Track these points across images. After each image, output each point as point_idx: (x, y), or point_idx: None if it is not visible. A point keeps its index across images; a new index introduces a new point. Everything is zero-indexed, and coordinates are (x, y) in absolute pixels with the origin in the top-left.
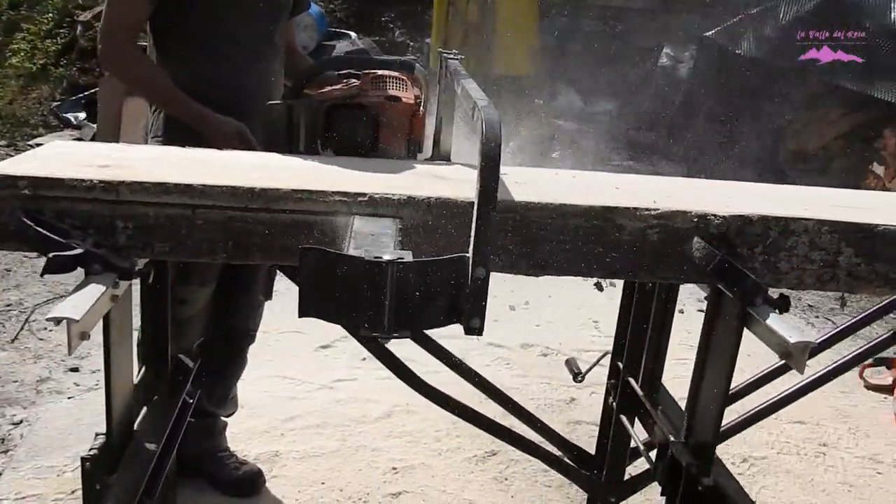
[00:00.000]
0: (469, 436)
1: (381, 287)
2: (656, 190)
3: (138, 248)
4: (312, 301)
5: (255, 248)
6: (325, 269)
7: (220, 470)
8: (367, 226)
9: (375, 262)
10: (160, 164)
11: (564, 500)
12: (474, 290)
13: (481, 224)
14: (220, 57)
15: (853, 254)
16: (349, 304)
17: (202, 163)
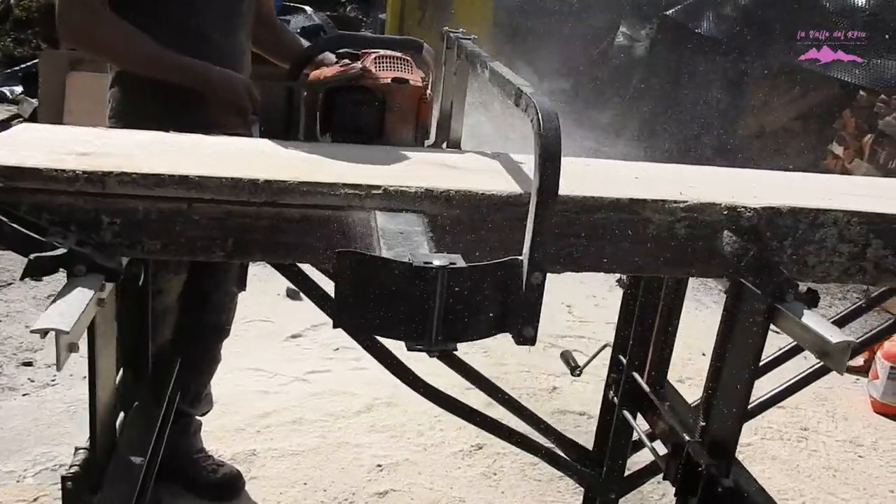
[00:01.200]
0: (453, 429)
1: (429, 295)
2: (678, 179)
3: (125, 246)
4: (348, 311)
5: (256, 246)
6: (363, 275)
7: (198, 473)
8: (393, 222)
9: (425, 267)
10: (149, 151)
11: (556, 495)
12: (529, 297)
13: (539, 225)
14: (186, 30)
15: (881, 245)
16: (391, 313)
17: (195, 150)
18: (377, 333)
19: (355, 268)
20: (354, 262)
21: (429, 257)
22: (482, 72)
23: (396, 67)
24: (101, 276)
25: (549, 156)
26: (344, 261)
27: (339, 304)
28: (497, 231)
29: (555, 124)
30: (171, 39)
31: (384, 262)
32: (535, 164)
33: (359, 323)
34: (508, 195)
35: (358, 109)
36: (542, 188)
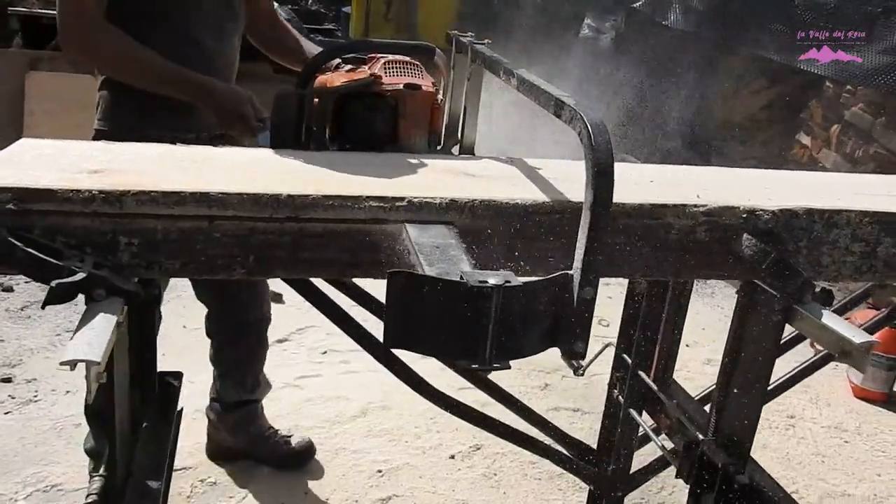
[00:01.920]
0: (449, 430)
1: (484, 314)
2: (690, 182)
3: (142, 267)
4: (400, 330)
5: (277, 263)
6: (415, 295)
7: (274, 449)
8: (426, 236)
9: (481, 286)
10: (161, 166)
11: (557, 493)
12: (580, 312)
13: (593, 241)
14: (180, 35)
15: (892, 244)
16: (444, 333)
17: (209, 164)
18: (429, 353)
19: (407, 287)
20: (406, 282)
21: (482, 275)
22: (507, 79)
23: (407, 73)
24: (120, 300)
25: (603, 170)
26: (396, 281)
27: (390, 324)
28: (522, 240)
29: (606, 137)
30: (166, 44)
31: (437, 282)
32: (588, 178)
33: (411, 342)
34: (533, 203)
35: (371, 116)
36: (596, 203)
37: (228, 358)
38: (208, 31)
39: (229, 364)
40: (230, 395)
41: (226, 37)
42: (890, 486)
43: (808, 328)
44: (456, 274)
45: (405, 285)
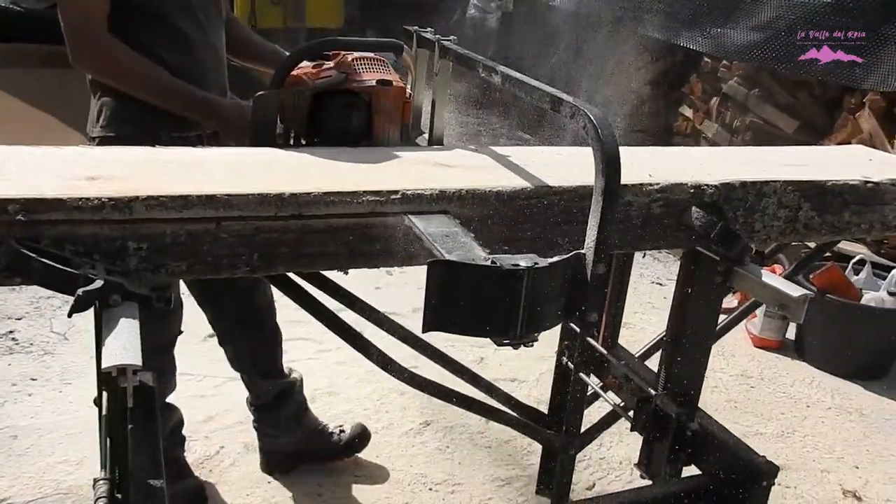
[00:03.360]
0: (398, 410)
1: (516, 294)
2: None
3: (149, 271)
4: (439, 315)
5: (281, 259)
6: (453, 281)
7: (331, 442)
8: (433, 225)
9: (513, 269)
10: (156, 171)
11: (507, 458)
12: (594, 286)
13: (604, 222)
14: (167, 30)
15: (810, 208)
16: (480, 313)
17: (202, 166)
18: (467, 333)
19: (445, 275)
20: (445, 269)
21: (512, 259)
22: (488, 75)
23: (377, 69)
24: (135, 305)
25: (611, 160)
26: (435, 269)
27: (430, 310)
28: (505, 224)
29: (611, 130)
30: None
31: (475, 268)
32: (599, 167)
33: (449, 325)
34: (513, 190)
35: (346, 113)
36: (607, 189)
37: (247, 355)
38: (198, 26)
39: (252, 360)
40: (266, 390)
41: (213, 30)
42: (793, 422)
43: (749, 286)
44: (484, 258)
45: (444, 272)
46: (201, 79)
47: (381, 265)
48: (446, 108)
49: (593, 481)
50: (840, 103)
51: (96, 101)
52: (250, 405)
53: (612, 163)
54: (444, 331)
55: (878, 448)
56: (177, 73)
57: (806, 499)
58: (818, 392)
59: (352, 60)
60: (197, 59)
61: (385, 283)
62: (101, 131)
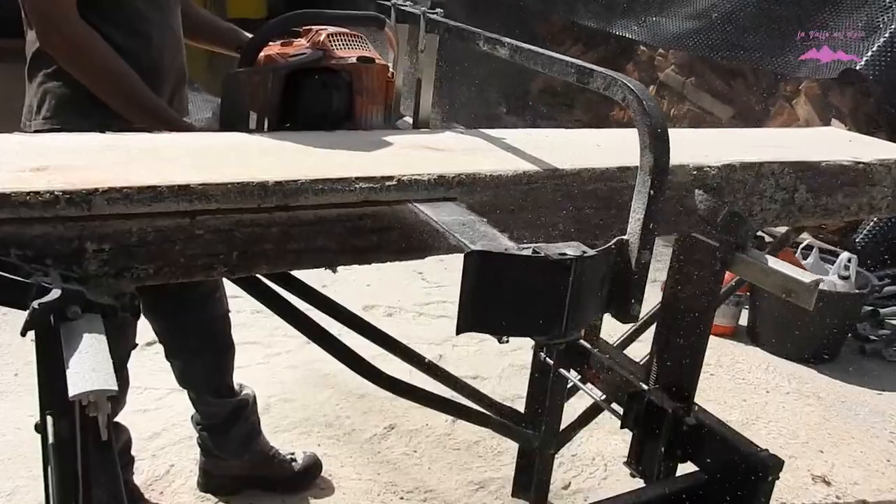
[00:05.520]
0: (358, 414)
1: (562, 287)
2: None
3: (111, 276)
4: (477, 313)
5: (263, 257)
6: (493, 275)
7: (279, 469)
8: (444, 214)
9: (560, 260)
10: (110, 159)
11: (478, 459)
12: (638, 275)
13: (653, 205)
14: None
15: (806, 190)
16: (522, 311)
17: (161, 153)
18: (505, 333)
19: (484, 268)
20: (484, 261)
21: (558, 248)
22: (492, 48)
23: (356, 45)
24: (98, 317)
25: (660, 134)
26: (473, 261)
27: (467, 308)
28: (506, 211)
29: (655, 101)
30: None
31: (518, 259)
32: (645, 143)
33: (487, 324)
34: (514, 174)
35: (325, 93)
36: (656, 166)
37: (198, 371)
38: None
39: (202, 377)
40: (216, 410)
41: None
42: (756, 409)
43: (751, 272)
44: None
45: (482, 265)
46: (159, 62)
47: (372, 260)
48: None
49: (568, 480)
50: (774, 91)
51: (36, 89)
52: (197, 424)
53: (661, 137)
54: (481, 331)
55: (838, 431)
56: (131, 56)
57: (778, 486)
58: (775, 377)
59: (327, 37)
60: (154, 41)
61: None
62: (44, 123)
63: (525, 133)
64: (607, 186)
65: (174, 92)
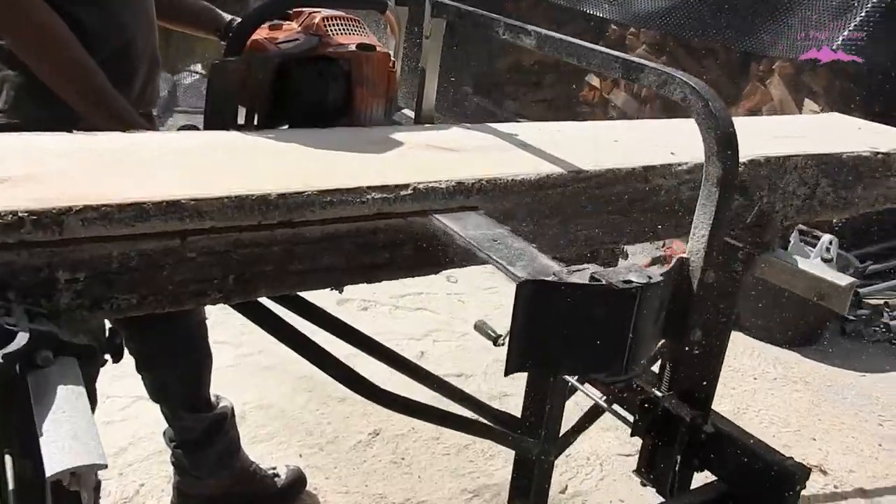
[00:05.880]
0: (340, 419)
1: (625, 318)
2: (648, 137)
3: (85, 309)
4: (530, 350)
5: (263, 280)
6: (546, 307)
7: (263, 486)
8: (470, 227)
9: (627, 288)
10: (84, 165)
11: (469, 465)
12: (702, 299)
13: (720, 219)
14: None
15: (828, 184)
16: (579, 344)
17: (142, 157)
18: (563, 371)
19: (538, 299)
20: (538, 292)
21: (619, 273)
22: (515, 37)
23: (354, 31)
24: (73, 361)
25: (729, 140)
26: (525, 292)
27: (519, 344)
28: (530, 218)
29: (721, 104)
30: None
31: (576, 289)
32: (712, 150)
33: (541, 361)
34: (538, 177)
35: (321, 85)
36: (724, 179)
37: (173, 384)
38: None
39: (178, 391)
40: (192, 426)
41: None
42: (745, 397)
43: (778, 274)
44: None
45: (534, 295)
46: (131, 46)
47: (383, 278)
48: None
49: (564, 483)
50: (746, 71)
51: None
52: (170, 441)
53: (730, 144)
54: (533, 370)
55: (828, 417)
56: (99, 39)
57: None
58: (761, 363)
59: (322, 20)
60: (124, 21)
61: None
62: (1, 117)
63: (537, 128)
64: (633, 188)
65: (147, 80)
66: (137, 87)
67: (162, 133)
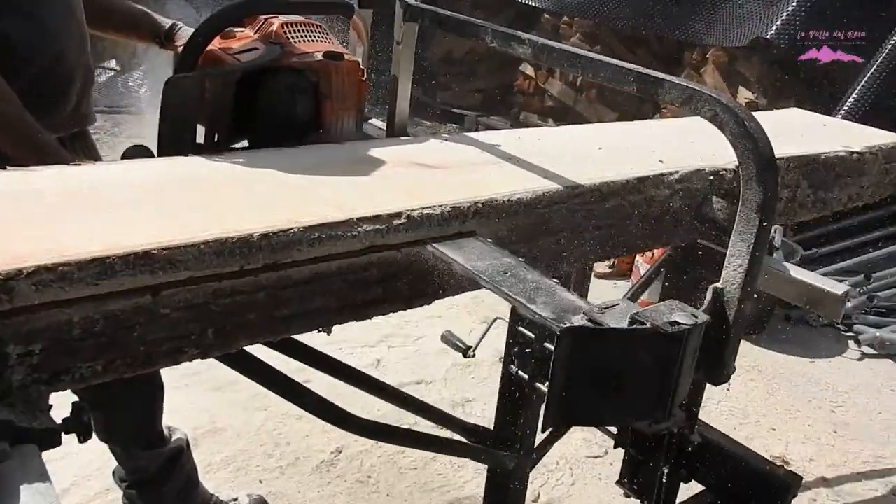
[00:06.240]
0: (299, 439)
1: (672, 362)
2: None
3: (42, 384)
4: (571, 401)
5: (245, 330)
6: (587, 356)
7: None
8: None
9: (677, 332)
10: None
11: (438, 479)
12: (736, 332)
13: (759, 247)
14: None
15: (808, 185)
16: (622, 392)
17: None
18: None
19: (579, 347)
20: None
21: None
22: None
23: (318, 38)
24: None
25: (768, 164)
26: (566, 343)
27: (557, 396)
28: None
29: (756, 122)
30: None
31: (623, 335)
32: (751, 174)
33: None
34: (533, 196)
35: (289, 98)
36: (765, 204)
37: (125, 422)
38: None
39: (130, 429)
40: (145, 464)
41: None
42: None
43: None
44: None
45: (575, 345)
46: (62, 59)
47: (375, 315)
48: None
49: (536, 491)
50: (680, 59)
51: None
52: (122, 481)
53: (770, 166)
54: (576, 424)
55: (784, 406)
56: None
57: None
58: None
59: (281, 27)
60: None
61: None
62: None
63: (516, 136)
64: (627, 201)
65: (83, 94)
66: (72, 102)
67: (113, 164)
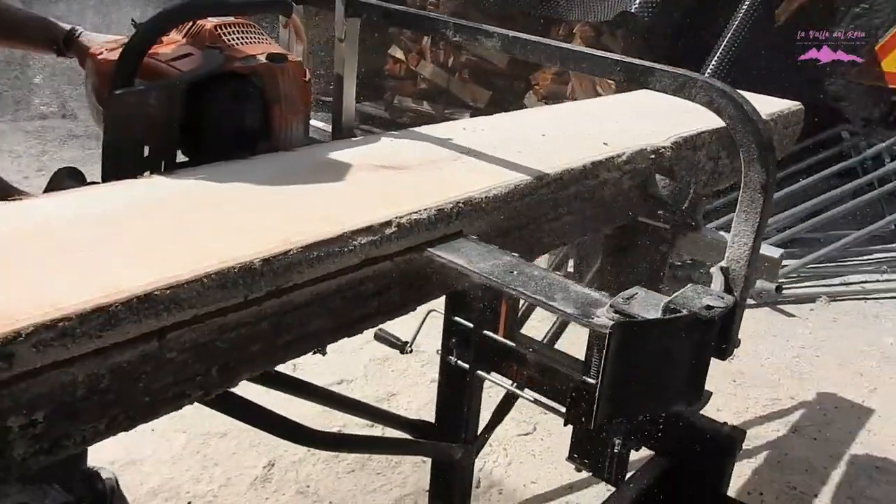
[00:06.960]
0: (227, 457)
1: (706, 345)
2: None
3: (44, 454)
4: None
5: (248, 363)
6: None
7: None
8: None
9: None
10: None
11: (378, 478)
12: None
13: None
14: None
15: (726, 156)
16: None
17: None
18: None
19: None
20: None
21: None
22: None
23: (254, 38)
24: None
25: (768, 147)
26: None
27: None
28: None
29: (754, 106)
30: None
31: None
32: (753, 155)
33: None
34: (507, 191)
35: (237, 108)
36: (767, 184)
37: None
38: None
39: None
40: None
41: None
42: None
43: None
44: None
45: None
46: None
47: (368, 328)
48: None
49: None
50: (547, 34)
51: None
52: None
53: (770, 149)
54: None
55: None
56: None
57: None
58: None
59: (214, 28)
60: None
61: None
62: None
63: (462, 126)
64: (585, 186)
65: None
66: None
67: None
